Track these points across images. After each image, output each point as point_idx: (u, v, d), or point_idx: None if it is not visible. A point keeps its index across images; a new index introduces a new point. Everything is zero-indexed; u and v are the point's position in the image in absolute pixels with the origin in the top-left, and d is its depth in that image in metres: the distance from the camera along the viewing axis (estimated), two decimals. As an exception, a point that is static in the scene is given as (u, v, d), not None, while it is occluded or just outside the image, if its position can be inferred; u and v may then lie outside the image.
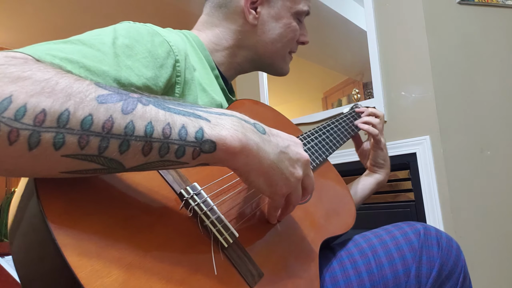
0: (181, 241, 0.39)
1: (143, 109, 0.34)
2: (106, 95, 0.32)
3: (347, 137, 0.86)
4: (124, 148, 0.32)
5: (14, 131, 0.28)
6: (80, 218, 0.33)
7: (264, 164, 0.42)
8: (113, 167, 0.33)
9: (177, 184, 0.43)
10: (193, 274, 0.37)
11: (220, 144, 0.37)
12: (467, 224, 1.36)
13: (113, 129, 0.32)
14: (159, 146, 0.34)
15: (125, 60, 0.48)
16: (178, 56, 0.57)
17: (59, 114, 0.30)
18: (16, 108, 0.28)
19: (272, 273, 0.46)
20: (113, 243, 0.33)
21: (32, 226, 0.33)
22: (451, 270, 0.62)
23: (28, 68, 0.31)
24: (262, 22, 0.71)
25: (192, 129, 0.36)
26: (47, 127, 0.29)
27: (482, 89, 1.51)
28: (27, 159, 0.30)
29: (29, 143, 0.29)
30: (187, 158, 0.36)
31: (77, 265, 0.30)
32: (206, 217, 0.43)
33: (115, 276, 0.32)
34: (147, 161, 0.34)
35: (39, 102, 0.29)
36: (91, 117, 0.31)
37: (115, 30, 0.52)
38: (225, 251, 0.43)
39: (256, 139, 0.41)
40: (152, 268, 0.34)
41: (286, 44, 0.74)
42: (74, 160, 0.31)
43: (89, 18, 3.25)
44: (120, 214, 0.36)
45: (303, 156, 0.47)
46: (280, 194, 0.46)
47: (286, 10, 0.72)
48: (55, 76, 0.31)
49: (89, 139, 0.31)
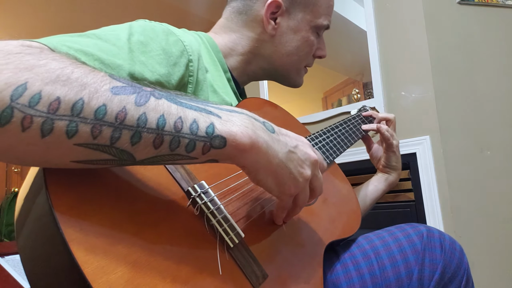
0: (187, 239, 0.39)
1: (156, 102, 0.34)
2: (120, 87, 0.33)
3: (354, 140, 0.85)
4: (135, 140, 0.33)
5: (27, 118, 0.28)
6: (88, 213, 0.33)
7: (273, 162, 0.42)
8: (124, 158, 0.33)
9: (184, 182, 0.43)
10: (198, 273, 0.37)
11: (230, 140, 0.37)
12: (467, 224, 1.37)
13: (126, 120, 0.32)
14: (170, 139, 0.34)
15: (139, 56, 0.49)
16: (192, 56, 0.57)
17: (73, 102, 0.30)
18: (31, 95, 0.28)
19: (277, 275, 0.46)
20: (120, 239, 0.34)
21: (40, 220, 0.33)
22: (454, 272, 0.62)
23: (44, 56, 0.31)
24: (280, 33, 0.71)
25: (203, 124, 0.36)
26: (61, 115, 0.29)
27: (482, 89, 1.51)
28: (39, 147, 0.30)
29: (42, 130, 0.29)
30: (197, 153, 0.36)
31: (84, 261, 0.30)
32: (213, 216, 0.43)
33: (121, 273, 0.32)
34: (158, 153, 0.34)
35: (54, 90, 0.29)
36: (105, 107, 0.31)
37: (130, 27, 0.52)
38: (231, 251, 0.43)
39: (265, 137, 0.41)
40: (158, 266, 0.34)
41: (302, 57, 0.74)
42: (86, 149, 0.31)
43: (89, 18, 3.25)
44: (128, 210, 0.36)
45: (312, 156, 0.47)
46: (288, 194, 0.46)
47: (306, 23, 0.72)
48: (70, 65, 0.32)
49: (101, 129, 0.31)
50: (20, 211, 0.36)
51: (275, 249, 0.49)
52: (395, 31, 1.57)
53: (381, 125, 0.86)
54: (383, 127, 0.85)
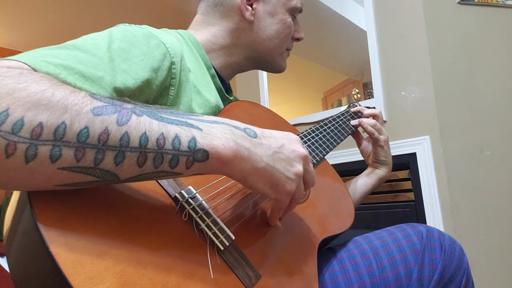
0: (177, 245, 0.39)
1: (138, 120, 0.34)
2: (101, 106, 0.33)
3: (344, 136, 0.86)
4: (119, 160, 0.33)
5: (11, 145, 0.28)
6: (74, 225, 0.33)
7: (259, 167, 0.42)
8: (108, 179, 0.33)
9: (171, 188, 0.43)
10: (188, 278, 0.37)
11: (213, 153, 0.38)
12: (467, 224, 1.36)
13: (108, 141, 0.32)
14: (154, 156, 0.34)
15: (121, 64, 0.48)
16: (174, 58, 0.57)
17: (56, 127, 0.30)
18: (13, 121, 0.28)
19: (270, 274, 0.46)
20: (108, 249, 0.33)
21: (26, 236, 0.33)
22: (454, 272, 0.62)
23: (24, 79, 0.31)
24: (258, 19, 0.72)
25: (185, 138, 0.36)
26: (44, 140, 0.29)
27: (482, 89, 1.51)
28: (23, 172, 0.30)
29: (26, 156, 0.29)
30: (181, 168, 0.36)
31: (71, 273, 0.30)
32: (202, 220, 0.43)
33: (109, 283, 0.32)
34: (142, 172, 0.34)
35: (35, 115, 0.29)
36: (87, 129, 0.31)
37: (110, 34, 0.51)
38: (222, 254, 0.42)
39: (246, 144, 0.41)
40: (147, 273, 0.34)
41: (283, 40, 0.75)
42: (70, 172, 0.31)
43: (89, 18, 3.25)
44: (115, 219, 0.36)
45: (300, 152, 0.48)
46: (284, 193, 0.46)
47: (281, 6, 0.74)
48: (51, 88, 0.31)
49: (85, 151, 0.31)
50: (9, 230, 0.36)
51: (267, 248, 0.49)
52: (395, 31, 1.57)
53: (363, 119, 0.87)
54: (366, 121, 0.86)
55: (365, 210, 1.58)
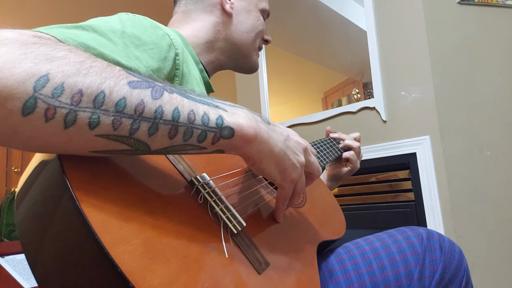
0: (193, 224, 0.40)
1: (170, 96, 0.36)
2: (136, 81, 0.34)
3: (335, 155, 0.90)
4: (153, 131, 0.34)
5: (51, 109, 0.29)
6: (101, 191, 0.34)
7: (274, 151, 0.45)
8: (140, 148, 0.35)
9: (187, 173, 0.45)
10: (205, 254, 0.38)
11: (238, 131, 0.40)
12: (467, 224, 1.37)
13: (144, 113, 0.33)
14: (184, 130, 0.36)
15: (134, 51, 0.50)
16: (178, 49, 0.59)
17: (95, 95, 0.31)
18: (53, 86, 0.29)
19: (277, 264, 0.47)
20: (133, 216, 0.35)
21: (51, 193, 0.33)
22: (454, 273, 0.62)
23: (61, 49, 0.32)
24: (237, 13, 0.77)
25: (213, 116, 0.38)
26: (84, 107, 0.30)
27: (482, 89, 1.51)
28: (61, 137, 0.30)
29: (65, 121, 0.30)
30: (207, 143, 0.38)
31: (101, 231, 0.30)
32: (216, 204, 0.44)
33: (136, 245, 0.32)
34: (172, 144, 0.36)
35: (76, 82, 0.30)
36: (124, 100, 0.32)
37: (120, 19, 0.53)
38: (234, 238, 0.44)
39: (266, 128, 0.44)
40: (169, 243, 0.36)
41: (258, 35, 0.80)
42: (106, 140, 0.32)
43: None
44: (137, 194, 0.37)
45: (302, 144, 0.51)
46: (289, 180, 0.48)
47: (254, 5, 0.80)
48: (88, 59, 0.32)
49: (122, 121, 0.32)
50: (22, 189, 0.36)
51: (273, 241, 0.51)
52: (395, 31, 1.57)
53: (351, 153, 0.94)
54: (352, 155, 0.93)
55: (365, 210, 1.58)
